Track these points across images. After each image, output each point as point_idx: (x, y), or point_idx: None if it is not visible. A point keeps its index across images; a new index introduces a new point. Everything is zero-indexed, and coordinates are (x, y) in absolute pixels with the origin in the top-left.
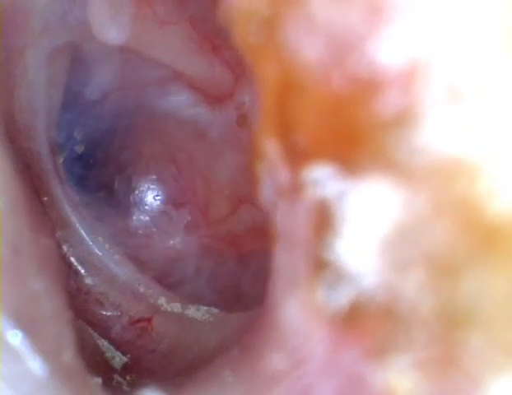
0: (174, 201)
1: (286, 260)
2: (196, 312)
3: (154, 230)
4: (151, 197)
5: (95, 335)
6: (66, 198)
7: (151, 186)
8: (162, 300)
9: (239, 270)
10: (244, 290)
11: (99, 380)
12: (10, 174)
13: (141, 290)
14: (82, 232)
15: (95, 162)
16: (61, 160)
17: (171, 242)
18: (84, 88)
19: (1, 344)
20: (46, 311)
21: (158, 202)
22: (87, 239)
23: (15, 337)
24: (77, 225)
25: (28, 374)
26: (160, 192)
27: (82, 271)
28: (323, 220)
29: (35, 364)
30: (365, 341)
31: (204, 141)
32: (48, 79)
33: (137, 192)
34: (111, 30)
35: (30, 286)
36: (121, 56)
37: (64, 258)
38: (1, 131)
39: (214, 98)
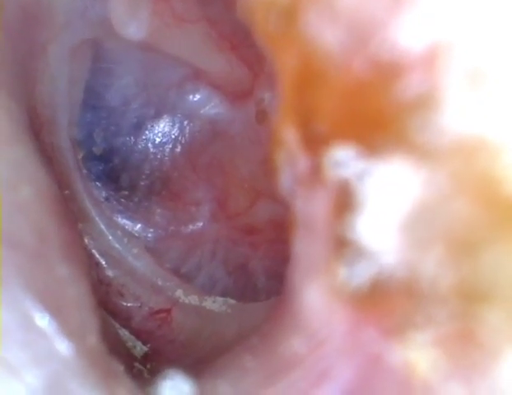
0: (193, 196)
1: (306, 246)
2: (213, 304)
3: (173, 224)
4: (170, 192)
5: (117, 325)
6: (86, 192)
7: (171, 182)
8: (180, 293)
9: (252, 253)
10: (257, 274)
11: (121, 368)
12: (36, 163)
13: (160, 283)
14: (102, 226)
15: (114, 165)
16: (80, 155)
17: (189, 234)
18: (105, 90)
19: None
20: (71, 296)
21: (177, 198)
22: (107, 232)
23: (42, 319)
24: (97, 218)
25: (55, 354)
26: (179, 189)
27: (103, 263)
28: (344, 200)
29: (62, 345)
30: (384, 319)
31: (224, 138)
32: (70, 75)
33: (156, 188)
34: (131, 25)
35: (55, 272)
36: (142, 56)
37: (86, 250)
38: (26, 124)
39: (234, 95)
